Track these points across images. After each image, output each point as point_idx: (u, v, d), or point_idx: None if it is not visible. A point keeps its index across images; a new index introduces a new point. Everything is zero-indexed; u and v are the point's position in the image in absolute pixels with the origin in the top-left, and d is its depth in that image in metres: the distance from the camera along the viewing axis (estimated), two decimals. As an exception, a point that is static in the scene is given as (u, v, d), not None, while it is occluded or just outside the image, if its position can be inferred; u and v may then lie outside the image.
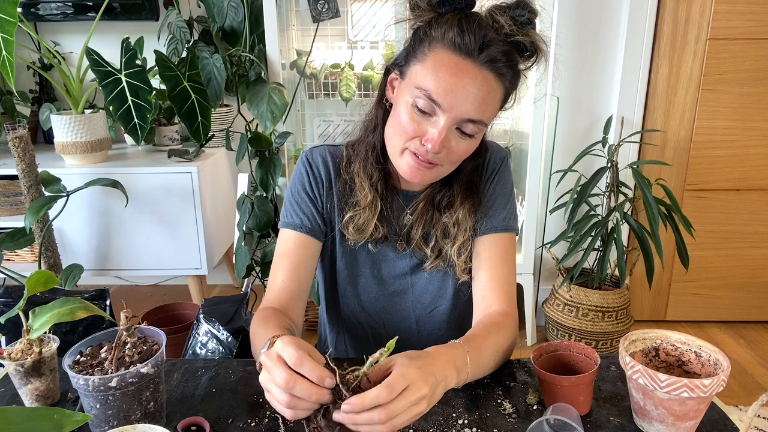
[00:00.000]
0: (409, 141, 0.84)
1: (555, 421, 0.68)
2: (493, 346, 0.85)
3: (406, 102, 0.83)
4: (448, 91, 0.79)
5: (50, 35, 2.52)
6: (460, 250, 0.96)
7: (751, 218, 2.40)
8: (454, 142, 0.84)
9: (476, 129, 0.83)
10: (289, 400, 0.63)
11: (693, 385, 0.67)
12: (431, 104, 0.80)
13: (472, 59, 0.78)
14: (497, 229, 0.97)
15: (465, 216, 0.96)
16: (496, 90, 0.81)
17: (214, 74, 2.00)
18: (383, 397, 0.62)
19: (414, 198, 0.99)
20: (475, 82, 0.79)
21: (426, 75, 0.80)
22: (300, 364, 0.62)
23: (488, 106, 0.82)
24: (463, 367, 0.76)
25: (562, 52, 2.24)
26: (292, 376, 0.62)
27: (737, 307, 2.53)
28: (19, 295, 1.21)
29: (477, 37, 0.77)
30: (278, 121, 1.95)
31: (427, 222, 0.98)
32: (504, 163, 1.02)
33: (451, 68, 0.79)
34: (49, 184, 1.92)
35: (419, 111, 0.82)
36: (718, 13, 2.17)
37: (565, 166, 2.26)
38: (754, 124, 2.29)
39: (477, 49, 0.78)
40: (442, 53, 0.79)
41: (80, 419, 0.50)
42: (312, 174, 1.00)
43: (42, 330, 0.76)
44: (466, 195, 0.96)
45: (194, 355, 1.23)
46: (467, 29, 0.78)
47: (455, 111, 0.80)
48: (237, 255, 2.16)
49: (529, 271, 2.28)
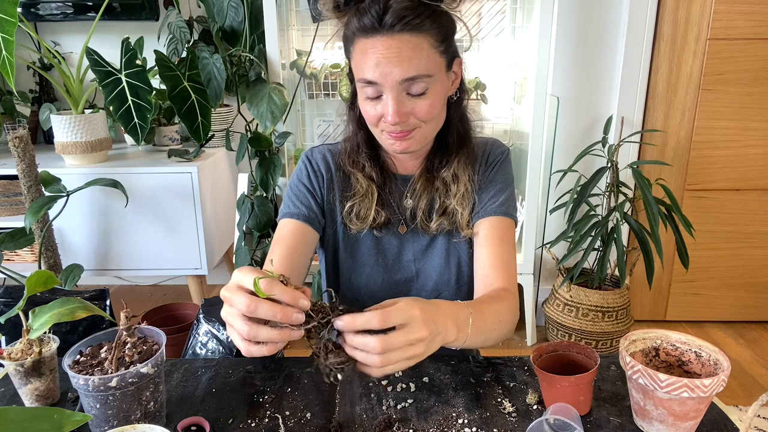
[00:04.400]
0: (379, 124, 0.91)
1: (555, 421, 0.68)
2: (495, 314, 0.86)
3: (361, 96, 0.90)
4: (374, 68, 0.84)
5: (50, 35, 2.52)
6: (463, 201, 0.99)
7: (751, 218, 2.40)
8: (410, 105, 0.87)
9: (424, 85, 0.86)
10: (250, 330, 0.62)
11: (693, 385, 0.67)
12: (372, 87, 0.86)
13: (380, 32, 0.83)
14: (497, 212, 0.99)
15: (462, 168, 0.99)
16: (417, 42, 0.84)
17: (214, 74, 2.00)
18: (374, 322, 0.63)
19: (411, 180, 1.03)
20: (391, 48, 0.83)
21: (357, 68, 0.88)
22: (270, 287, 0.61)
23: (418, 60, 0.84)
24: (464, 326, 0.77)
25: (562, 52, 2.24)
26: (254, 299, 0.61)
27: (737, 307, 2.53)
28: (19, 295, 1.21)
29: (375, 10, 0.82)
30: (278, 121, 1.95)
31: (427, 194, 1.01)
32: (505, 156, 1.05)
33: (369, 49, 0.84)
34: (49, 184, 1.92)
35: (371, 98, 0.88)
36: (718, 13, 2.17)
37: (565, 166, 2.26)
38: (754, 124, 2.29)
39: (378, 21, 0.82)
40: (359, 43, 0.86)
41: (80, 419, 0.50)
42: (312, 169, 1.05)
43: (42, 330, 0.76)
44: (459, 146, 1.00)
45: (194, 355, 1.23)
46: (365, 9, 0.83)
47: (389, 79, 0.84)
48: (237, 255, 2.16)
49: (529, 271, 2.28)
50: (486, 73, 2.42)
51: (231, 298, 0.63)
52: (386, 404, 0.81)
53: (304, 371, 0.90)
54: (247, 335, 0.62)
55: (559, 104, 2.26)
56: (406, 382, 0.86)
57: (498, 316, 0.87)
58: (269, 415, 0.79)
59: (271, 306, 0.61)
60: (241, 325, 0.62)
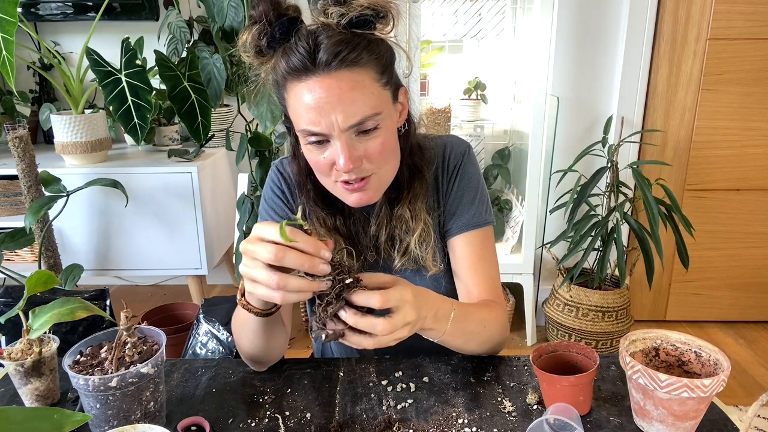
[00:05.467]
0: (331, 174, 0.82)
1: (555, 421, 0.68)
2: (480, 319, 0.86)
3: (303, 143, 0.82)
4: (317, 117, 0.75)
5: (50, 35, 2.52)
6: (421, 240, 0.93)
7: (751, 218, 2.40)
8: (363, 147, 0.79)
9: (374, 122, 0.78)
10: (279, 280, 0.61)
11: (693, 385, 0.67)
12: (317, 137, 0.78)
13: (314, 72, 0.74)
14: (469, 226, 0.95)
15: (420, 200, 0.93)
16: (358, 80, 0.75)
17: (214, 74, 2.00)
18: (374, 302, 0.65)
19: (375, 209, 0.95)
20: (330, 90, 0.74)
21: (296, 117, 0.79)
22: (293, 235, 0.61)
23: (363, 99, 0.76)
24: (443, 319, 0.78)
25: (562, 52, 2.25)
26: (281, 248, 0.60)
27: (737, 307, 2.53)
28: (19, 295, 1.21)
29: (304, 50, 0.74)
30: (278, 121, 1.95)
31: (388, 223, 0.94)
32: (465, 156, 0.98)
33: (304, 95, 0.75)
34: (49, 184, 1.92)
35: (317, 146, 0.80)
36: (718, 13, 2.17)
37: (565, 166, 2.26)
38: (754, 124, 2.29)
39: (311, 61, 0.74)
40: (292, 87, 0.77)
41: (80, 419, 0.50)
42: (284, 180, 0.98)
43: (42, 330, 0.76)
44: (411, 180, 0.92)
45: (194, 355, 1.23)
46: (293, 50, 0.75)
47: (336, 127, 0.76)
48: (237, 255, 2.16)
49: (529, 271, 2.28)
50: (486, 73, 2.42)
51: (254, 249, 0.62)
52: (386, 404, 0.81)
53: (304, 371, 0.90)
54: (277, 285, 0.61)
55: (559, 104, 2.26)
56: (406, 382, 0.86)
57: (483, 321, 0.87)
58: (269, 415, 0.79)
59: (298, 255, 0.61)
60: (267, 275, 0.62)
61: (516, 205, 2.41)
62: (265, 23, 0.76)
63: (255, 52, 0.79)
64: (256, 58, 0.80)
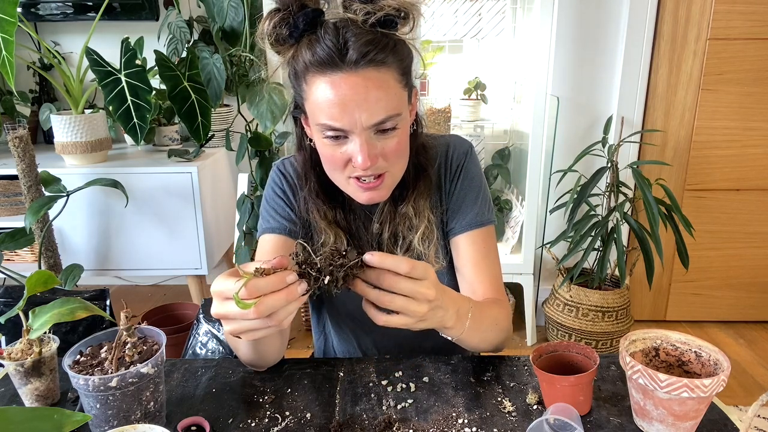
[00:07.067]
0: (345, 169, 0.83)
1: (555, 421, 0.68)
2: (492, 317, 0.87)
3: (320, 139, 0.82)
4: (340, 113, 0.76)
5: (50, 35, 2.52)
6: (424, 237, 0.94)
7: (751, 218, 2.40)
8: (381, 146, 0.80)
9: (393, 122, 0.79)
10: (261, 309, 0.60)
11: (693, 385, 0.67)
12: (335, 132, 0.79)
13: (341, 68, 0.75)
14: (472, 225, 0.96)
15: (423, 198, 0.94)
16: (384, 78, 0.77)
17: (214, 74, 2.00)
18: (403, 267, 0.66)
19: (378, 207, 0.96)
20: (357, 88, 0.75)
21: (316, 111, 0.79)
22: (254, 290, 0.60)
23: (386, 99, 0.77)
24: (463, 317, 0.78)
25: (562, 52, 2.24)
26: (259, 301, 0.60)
27: (737, 307, 2.53)
28: (19, 295, 1.21)
29: (333, 44, 0.74)
30: (278, 121, 1.95)
31: (391, 221, 0.95)
32: (468, 156, 0.99)
33: (329, 90, 0.76)
34: (49, 184, 1.92)
35: (334, 141, 0.80)
36: (718, 13, 2.17)
37: (565, 166, 2.26)
38: (754, 124, 2.29)
39: (339, 57, 0.74)
40: (316, 81, 0.77)
41: (80, 419, 0.50)
42: (285, 180, 0.98)
43: (42, 330, 0.76)
44: (416, 179, 0.93)
45: (194, 355, 1.23)
46: (321, 43, 0.75)
47: (358, 125, 0.77)
48: (237, 255, 2.16)
49: (529, 271, 2.28)
50: (486, 73, 2.42)
51: (225, 312, 0.63)
52: (386, 404, 0.81)
53: (304, 371, 0.90)
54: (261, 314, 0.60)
55: (559, 104, 2.26)
56: (406, 382, 0.86)
57: (495, 319, 0.88)
58: (269, 415, 0.79)
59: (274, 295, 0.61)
60: (250, 323, 0.62)
61: (516, 205, 2.41)
62: (289, 12, 0.77)
63: (274, 40, 0.79)
64: (275, 46, 0.80)
